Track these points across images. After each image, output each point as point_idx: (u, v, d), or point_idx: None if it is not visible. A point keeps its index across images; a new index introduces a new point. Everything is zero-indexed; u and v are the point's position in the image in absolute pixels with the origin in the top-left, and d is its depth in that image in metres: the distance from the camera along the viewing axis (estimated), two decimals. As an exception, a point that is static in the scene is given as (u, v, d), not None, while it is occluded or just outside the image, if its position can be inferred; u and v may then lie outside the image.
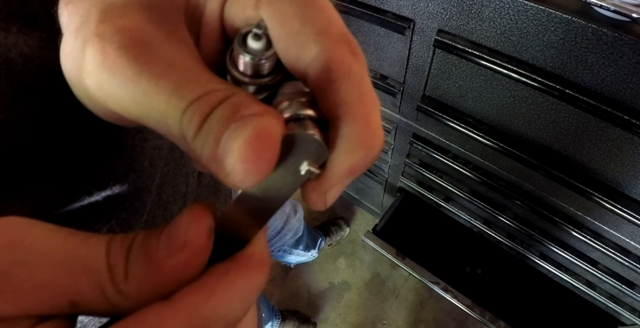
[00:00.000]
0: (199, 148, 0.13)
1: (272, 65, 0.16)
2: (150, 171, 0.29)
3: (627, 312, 0.88)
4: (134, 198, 0.29)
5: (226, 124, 0.12)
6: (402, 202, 1.16)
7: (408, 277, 1.48)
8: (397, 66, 0.73)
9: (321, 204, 0.15)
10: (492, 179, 0.82)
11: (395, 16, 0.63)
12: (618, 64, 0.47)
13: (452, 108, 0.73)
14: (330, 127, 0.14)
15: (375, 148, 0.14)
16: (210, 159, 0.13)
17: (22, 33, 0.19)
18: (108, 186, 0.25)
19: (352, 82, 0.14)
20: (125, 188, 0.27)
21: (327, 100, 0.14)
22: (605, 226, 0.72)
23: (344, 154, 0.14)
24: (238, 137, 0.12)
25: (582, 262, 0.83)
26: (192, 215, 0.13)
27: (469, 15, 0.55)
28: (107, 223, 0.27)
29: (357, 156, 0.14)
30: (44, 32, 0.20)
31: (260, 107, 0.13)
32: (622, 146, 0.56)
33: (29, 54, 0.19)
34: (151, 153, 0.29)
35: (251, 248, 0.15)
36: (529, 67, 0.55)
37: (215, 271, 0.13)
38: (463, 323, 1.39)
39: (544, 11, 0.48)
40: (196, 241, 0.13)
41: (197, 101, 0.13)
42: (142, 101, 0.13)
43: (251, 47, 0.15)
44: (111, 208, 0.27)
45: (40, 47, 0.20)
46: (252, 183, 0.12)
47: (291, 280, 1.52)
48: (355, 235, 1.60)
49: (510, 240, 0.98)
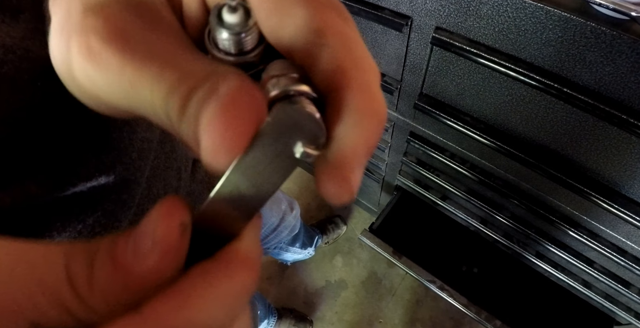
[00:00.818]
0: (184, 132, 0.12)
1: (254, 39, 0.14)
2: (139, 163, 0.29)
3: (622, 311, 0.88)
4: (122, 190, 0.28)
5: (205, 104, 0.11)
6: (399, 200, 1.16)
7: (405, 276, 1.48)
8: (394, 63, 0.73)
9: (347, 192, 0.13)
10: (489, 178, 0.82)
11: (392, 13, 0.63)
12: (616, 63, 0.47)
13: (450, 106, 0.73)
14: (329, 99, 0.13)
15: (384, 117, 0.13)
16: (192, 142, 0.12)
17: (5, 24, 0.19)
18: (93, 177, 0.25)
19: (347, 47, 0.13)
20: (112, 180, 0.26)
21: (321, 69, 0.13)
22: (602, 225, 0.72)
23: (354, 126, 0.12)
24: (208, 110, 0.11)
25: (579, 262, 0.83)
26: (160, 210, 0.12)
27: (467, 13, 0.54)
28: (92, 214, 0.26)
29: (370, 126, 0.13)
30: (29, 23, 0.20)
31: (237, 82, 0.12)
32: (620, 145, 0.56)
33: (10, 45, 0.19)
34: (140, 145, 0.29)
35: (235, 244, 0.13)
36: (526, 65, 0.55)
37: (192, 273, 0.12)
38: (459, 322, 1.39)
39: (543, 9, 0.47)
40: (166, 239, 0.12)
41: (178, 83, 0.12)
42: (129, 91, 0.13)
43: (228, 21, 0.13)
44: (97, 199, 0.26)
45: (24, 38, 0.20)
46: (224, 160, 0.12)
47: (288, 278, 1.52)
48: (352, 233, 1.60)
49: (506, 239, 0.98)
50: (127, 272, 0.11)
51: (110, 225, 0.28)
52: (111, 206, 0.28)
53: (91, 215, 0.26)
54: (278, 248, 1.28)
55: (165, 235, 0.12)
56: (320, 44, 0.13)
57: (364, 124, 0.12)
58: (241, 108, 0.11)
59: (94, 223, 0.27)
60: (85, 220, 0.26)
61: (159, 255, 0.11)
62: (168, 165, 0.36)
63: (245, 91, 0.12)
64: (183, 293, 0.11)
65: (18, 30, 0.19)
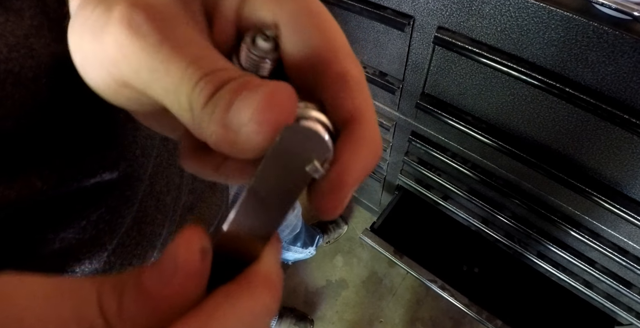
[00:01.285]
0: (206, 116, 0.13)
1: (272, 68, 0.16)
2: (142, 160, 0.29)
3: (623, 311, 0.88)
4: (125, 187, 0.28)
5: (238, 92, 0.13)
6: (400, 200, 1.16)
7: (405, 275, 1.48)
8: (396, 63, 0.73)
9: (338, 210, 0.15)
10: (490, 178, 0.82)
11: (395, 13, 0.63)
12: (618, 63, 0.47)
13: (452, 106, 0.73)
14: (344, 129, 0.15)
15: (382, 151, 0.16)
16: (218, 124, 0.13)
17: (10, 22, 0.19)
18: (97, 173, 0.25)
19: (363, 92, 0.16)
20: (115, 176, 0.27)
21: (341, 105, 0.15)
22: (604, 225, 0.72)
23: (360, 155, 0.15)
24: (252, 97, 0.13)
25: (580, 262, 0.83)
26: (181, 237, 0.13)
27: (469, 12, 0.54)
28: (96, 211, 0.27)
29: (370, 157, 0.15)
30: (34, 20, 0.20)
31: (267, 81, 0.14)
32: (622, 145, 0.56)
33: (14, 44, 0.19)
34: (143, 142, 0.29)
35: (255, 266, 0.14)
36: (529, 65, 0.55)
37: (215, 294, 0.13)
38: (460, 322, 1.39)
39: (545, 9, 0.47)
40: (188, 264, 0.12)
41: (211, 74, 0.13)
42: (159, 68, 0.13)
43: (259, 45, 0.16)
44: (100, 195, 0.27)
45: (27, 36, 0.20)
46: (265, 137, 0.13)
47: (288, 278, 1.52)
48: (353, 232, 1.60)
49: (508, 238, 0.98)
50: (153, 297, 0.12)
51: (113, 222, 0.28)
52: (114, 202, 0.28)
53: (95, 211, 0.26)
54: (279, 247, 1.28)
55: (186, 260, 0.12)
56: (344, 87, 0.15)
57: (367, 155, 0.15)
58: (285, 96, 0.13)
59: (97, 220, 0.27)
60: (89, 216, 0.26)
61: (182, 279, 0.12)
62: (171, 162, 0.36)
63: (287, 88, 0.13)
64: (206, 314, 0.12)
65: (22, 28, 0.20)
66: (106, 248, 0.28)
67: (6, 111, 0.19)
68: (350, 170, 0.14)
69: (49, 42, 0.20)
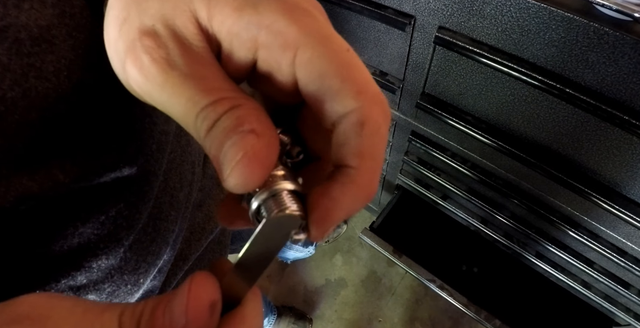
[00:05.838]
0: (207, 148, 0.16)
1: None
2: (157, 155, 0.30)
3: (621, 312, 0.88)
4: (143, 182, 0.29)
5: (228, 136, 0.15)
6: (400, 199, 1.16)
7: (404, 275, 1.48)
8: (397, 62, 0.73)
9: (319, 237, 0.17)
10: (490, 178, 0.82)
11: (396, 12, 0.63)
12: (619, 64, 0.47)
13: (452, 106, 0.73)
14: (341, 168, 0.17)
15: (372, 198, 0.17)
16: (214, 160, 0.15)
17: (34, 10, 0.19)
18: (117, 168, 0.26)
19: (377, 140, 0.16)
20: (135, 171, 0.27)
21: (349, 148, 0.16)
22: (602, 226, 0.72)
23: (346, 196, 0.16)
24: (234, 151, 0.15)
25: (578, 262, 0.83)
26: (192, 289, 0.14)
27: (470, 12, 0.54)
28: (115, 206, 0.27)
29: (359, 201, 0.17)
30: (56, 8, 0.20)
31: (258, 125, 0.15)
32: (621, 146, 0.56)
33: (36, 37, 0.20)
34: (159, 137, 0.29)
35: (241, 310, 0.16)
36: (529, 65, 0.55)
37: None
38: (458, 321, 1.39)
39: (546, 9, 0.47)
40: (198, 319, 0.13)
41: (207, 107, 0.15)
42: (167, 102, 0.16)
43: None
44: (120, 190, 0.27)
45: (50, 27, 0.20)
46: (242, 190, 0.15)
47: (288, 276, 1.52)
48: (353, 232, 1.60)
49: (506, 238, 0.98)
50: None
51: (131, 217, 0.28)
52: (133, 198, 0.28)
53: (114, 206, 0.27)
54: (280, 245, 1.28)
55: (196, 315, 0.14)
56: (358, 133, 0.16)
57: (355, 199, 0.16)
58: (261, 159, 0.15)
59: (116, 215, 0.27)
60: (108, 211, 0.26)
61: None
62: (183, 159, 0.36)
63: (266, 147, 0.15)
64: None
65: (46, 17, 0.20)
66: (123, 243, 0.29)
67: (30, 102, 0.20)
68: (334, 209, 0.16)
69: (70, 31, 0.21)
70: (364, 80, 0.16)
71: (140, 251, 0.31)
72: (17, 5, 0.19)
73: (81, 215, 0.25)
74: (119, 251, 0.28)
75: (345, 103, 0.16)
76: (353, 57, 0.17)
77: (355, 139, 0.16)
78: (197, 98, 0.15)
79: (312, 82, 0.16)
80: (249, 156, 0.15)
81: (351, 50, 0.17)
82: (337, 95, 0.16)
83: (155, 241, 0.33)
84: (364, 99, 0.16)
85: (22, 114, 0.20)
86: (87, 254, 0.26)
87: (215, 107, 0.15)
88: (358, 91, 0.16)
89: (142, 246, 0.31)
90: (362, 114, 0.16)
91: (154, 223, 0.32)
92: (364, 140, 0.16)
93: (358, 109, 0.16)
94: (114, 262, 0.28)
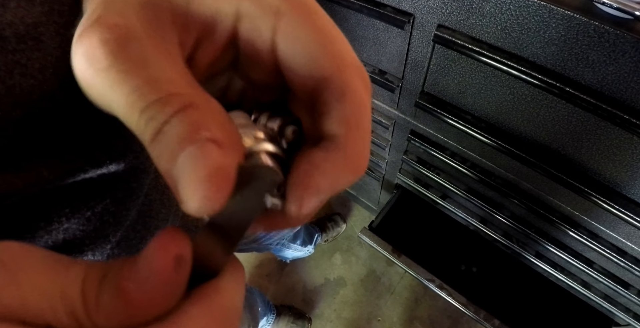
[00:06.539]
0: (154, 155, 0.13)
1: None
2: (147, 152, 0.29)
3: (621, 312, 0.88)
4: (131, 178, 0.29)
5: (182, 146, 0.12)
6: (399, 199, 1.16)
7: (404, 274, 1.48)
8: (396, 61, 0.73)
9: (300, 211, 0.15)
10: (489, 177, 0.82)
11: (394, 10, 0.62)
12: (619, 63, 0.46)
13: (451, 105, 0.73)
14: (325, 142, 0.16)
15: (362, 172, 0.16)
16: (165, 174, 0.13)
17: (21, 7, 0.19)
18: (104, 164, 0.25)
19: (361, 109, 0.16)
20: (122, 167, 0.27)
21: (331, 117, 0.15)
22: (602, 226, 0.72)
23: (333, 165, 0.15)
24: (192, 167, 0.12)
25: (578, 262, 0.83)
26: (157, 242, 0.13)
27: (470, 11, 0.54)
28: (101, 202, 0.27)
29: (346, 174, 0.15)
30: (45, 5, 0.20)
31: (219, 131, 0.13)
32: (621, 145, 0.56)
33: (23, 34, 0.19)
34: None
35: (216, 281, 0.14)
36: (529, 64, 0.54)
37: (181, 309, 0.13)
38: (457, 321, 1.39)
39: (546, 7, 0.47)
40: (161, 272, 0.12)
41: (155, 104, 0.13)
42: (108, 93, 0.13)
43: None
44: (106, 186, 0.27)
45: (37, 25, 0.20)
46: (207, 213, 0.13)
47: (287, 276, 1.52)
48: (352, 231, 1.60)
49: (506, 238, 0.97)
50: (126, 298, 0.12)
51: (118, 214, 0.28)
52: (120, 194, 0.28)
53: (100, 202, 0.27)
54: (280, 244, 1.28)
55: (160, 267, 0.12)
56: (339, 101, 0.15)
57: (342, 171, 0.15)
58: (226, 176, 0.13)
59: (102, 211, 0.27)
60: (94, 207, 0.26)
61: (154, 287, 0.12)
62: None
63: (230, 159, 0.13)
64: None
65: (33, 15, 0.20)
66: (110, 240, 0.29)
67: (15, 100, 0.20)
68: (315, 176, 0.15)
69: (58, 29, 0.21)
70: (346, 51, 0.16)
71: (129, 249, 0.31)
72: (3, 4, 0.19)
73: (66, 210, 0.25)
74: (105, 247, 0.28)
75: (325, 70, 0.15)
76: (335, 30, 0.16)
77: (338, 107, 0.15)
78: (144, 89, 0.13)
79: (292, 49, 0.16)
80: (213, 175, 0.12)
81: (334, 24, 0.17)
82: (317, 61, 0.15)
83: (145, 238, 0.32)
84: (345, 68, 0.16)
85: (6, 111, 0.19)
86: (72, 250, 0.26)
87: (164, 105, 0.13)
88: (339, 59, 0.16)
89: (130, 244, 0.31)
90: (343, 82, 0.15)
91: (143, 220, 0.32)
92: (347, 108, 0.15)
93: (339, 77, 0.15)
94: (100, 258, 0.28)
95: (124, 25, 0.14)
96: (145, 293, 0.12)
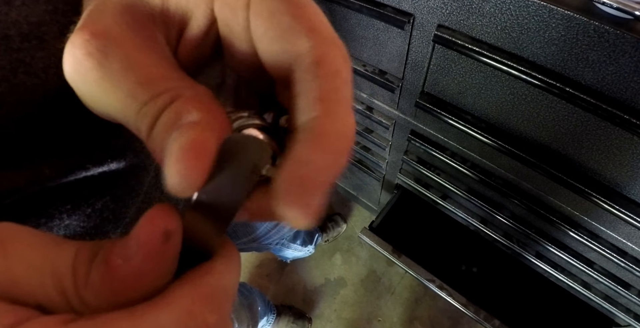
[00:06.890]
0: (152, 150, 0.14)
1: None
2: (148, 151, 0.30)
3: (621, 312, 0.88)
4: (131, 176, 0.29)
5: (169, 133, 0.13)
6: (399, 199, 1.16)
7: (404, 274, 1.48)
8: (396, 61, 0.73)
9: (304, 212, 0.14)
10: (489, 178, 0.82)
11: (394, 10, 0.62)
12: (619, 63, 0.46)
13: (451, 105, 0.73)
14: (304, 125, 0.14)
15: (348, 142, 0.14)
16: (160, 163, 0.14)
17: (25, 6, 0.19)
18: (105, 162, 0.26)
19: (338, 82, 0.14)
20: (122, 166, 0.27)
21: (306, 95, 0.14)
22: (602, 226, 0.71)
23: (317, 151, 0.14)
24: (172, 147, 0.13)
25: (578, 262, 0.83)
26: (146, 217, 0.13)
27: (470, 11, 0.54)
28: (101, 199, 0.27)
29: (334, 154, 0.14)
30: (49, 4, 0.20)
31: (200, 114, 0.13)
32: (622, 145, 0.55)
33: (26, 33, 0.20)
34: None
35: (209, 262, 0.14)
36: (529, 64, 0.54)
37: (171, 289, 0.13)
38: (458, 321, 1.39)
39: (546, 7, 0.47)
40: (148, 245, 0.12)
41: (149, 103, 0.14)
42: (104, 101, 0.14)
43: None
44: (106, 184, 0.27)
45: (40, 24, 0.20)
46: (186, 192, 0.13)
47: (287, 276, 1.52)
48: (352, 231, 1.60)
49: (506, 238, 0.97)
50: (114, 273, 0.12)
51: (118, 211, 0.29)
52: (120, 192, 0.28)
53: (100, 199, 0.27)
54: (280, 244, 1.28)
55: (147, 240, 0.12)
56: (317, 75, 0.14)
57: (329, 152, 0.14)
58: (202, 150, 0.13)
59: (102, 208, 0.27)
60: (94, 204, 0.26)
61: (141, 260, 0.12)
62: None
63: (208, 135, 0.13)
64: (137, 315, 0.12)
65: (37, 14, 0.20)
66: (109, 237, 0.29)
67: (18, 98, 0.20)
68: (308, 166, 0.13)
69: (61, 29, 0.21)
70: (318, 20, 0.15)
71: None
72: (9, 2, 0.19)
73: (67, 206, 0.25)
74: None
75: (296, 41, 0.14)
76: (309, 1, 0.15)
77: (312, 82, 0.14)
78: (137, 91, 0.14)
79: (263, 22, 0.15)
80: (187, 148, 0.13)
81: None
82: (288, 33, 0.14)
83: None
84: (317, 38, 0.14)
85: (10, 109, 0.20)
86: None
87: (156, 101, 0.14)
88: (311, 28, 0.15)
89: None
90: (316, 53, 0.14)
91: None
92: (322, 81, 0.14)
93: (311, 48, 0.14)
94: None
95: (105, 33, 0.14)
96: (132, 268, 0.12)
